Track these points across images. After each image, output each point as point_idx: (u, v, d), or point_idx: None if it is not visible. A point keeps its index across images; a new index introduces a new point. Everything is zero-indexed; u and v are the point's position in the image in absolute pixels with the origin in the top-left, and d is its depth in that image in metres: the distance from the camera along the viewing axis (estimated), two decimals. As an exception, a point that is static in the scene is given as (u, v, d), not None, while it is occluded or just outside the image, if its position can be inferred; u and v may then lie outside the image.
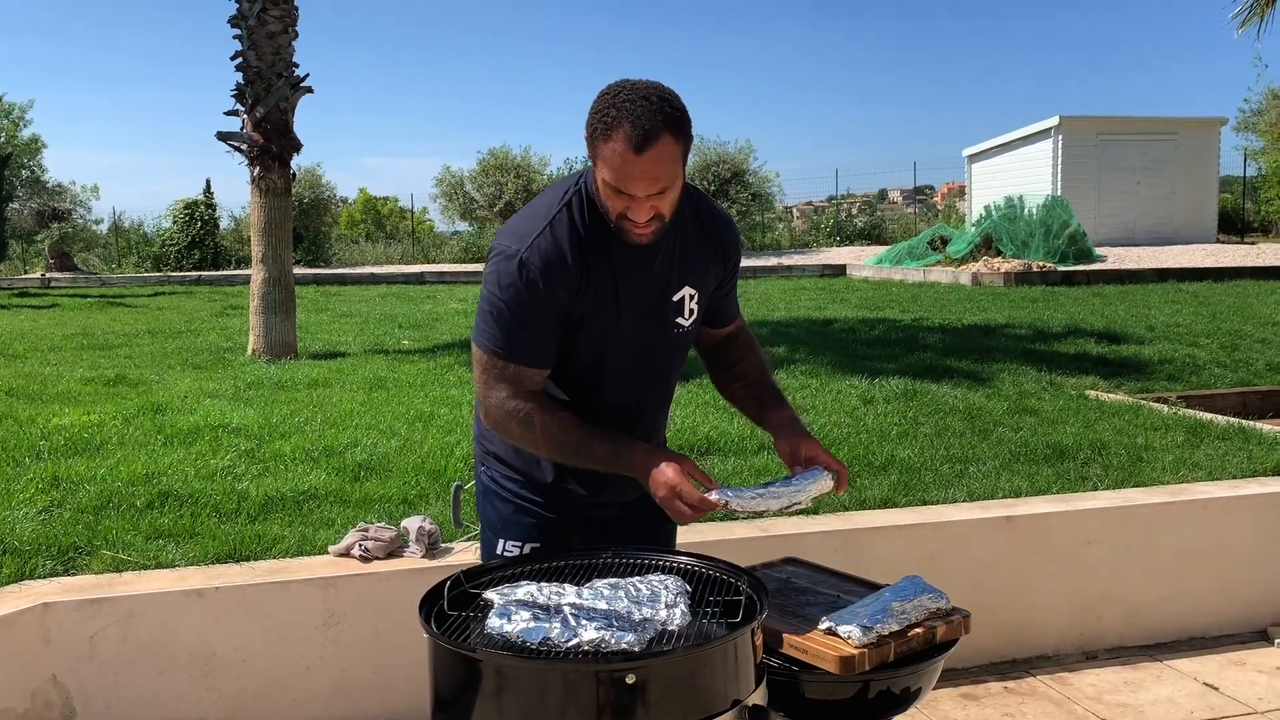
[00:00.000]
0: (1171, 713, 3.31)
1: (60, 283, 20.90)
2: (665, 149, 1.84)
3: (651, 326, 2.10)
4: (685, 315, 2.13)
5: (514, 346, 2.00)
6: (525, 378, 2.02)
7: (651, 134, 1.82)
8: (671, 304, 2.10)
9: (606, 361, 2.10)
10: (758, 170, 25.98)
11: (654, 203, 1.90)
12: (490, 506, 2.26)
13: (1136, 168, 22.59)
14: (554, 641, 1.49)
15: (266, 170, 8.33)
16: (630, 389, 2.15)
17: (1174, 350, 7.83)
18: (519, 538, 2.19)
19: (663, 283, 2.08)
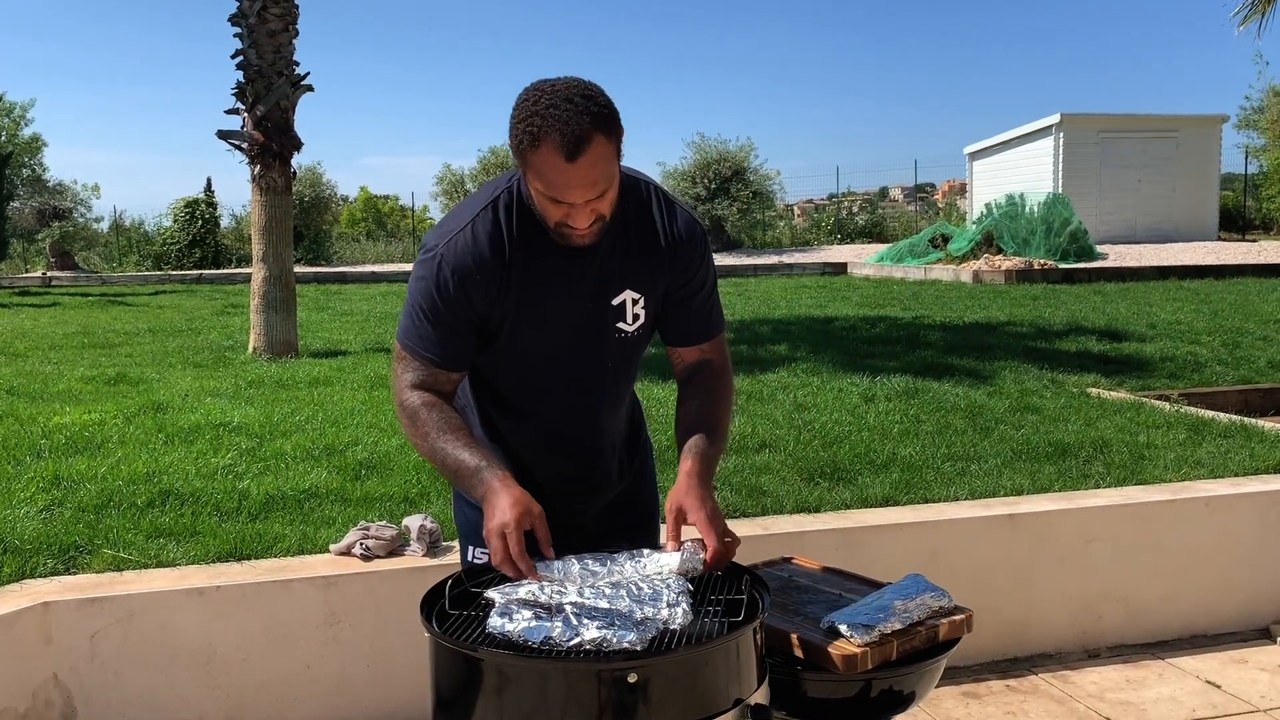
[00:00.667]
0: (1173, 711, 3.30)
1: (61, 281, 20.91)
2: (598, 151, 1.75)
3: (589, 331, 2.00)
4: (628, 320, 2.02)
5: (422, 342, 1.96)
6: (431, 376, 1.97)
7: (582, 139, 1.73)
8: (611, 308, 2.00)
9: (540, 366, 2.02)
10: (758, 168, 26.00)
11: (594, 206, 1.81)
12: (460, 513, 2.22)
13: (1138, 165, 22.59)
14: (555, 641, 1.49)
15: (267, 169, 8.33)
16: (572, 395, 2.06)
17: (1175, 348, 7.82)
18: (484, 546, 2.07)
19: (599, 286, 1.98)
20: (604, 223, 1.88)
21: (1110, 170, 22.44)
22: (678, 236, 2.03)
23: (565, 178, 1.75)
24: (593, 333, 2.01)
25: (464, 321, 1.94)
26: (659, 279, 2.03)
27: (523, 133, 1.76)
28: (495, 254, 1.92)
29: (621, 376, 2.12)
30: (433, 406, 1.94)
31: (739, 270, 20.09)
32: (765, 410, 5.29)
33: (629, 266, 1.99)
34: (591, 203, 1.81)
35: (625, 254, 1.99)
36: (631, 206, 1.99)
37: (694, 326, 2.11)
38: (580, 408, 2.08)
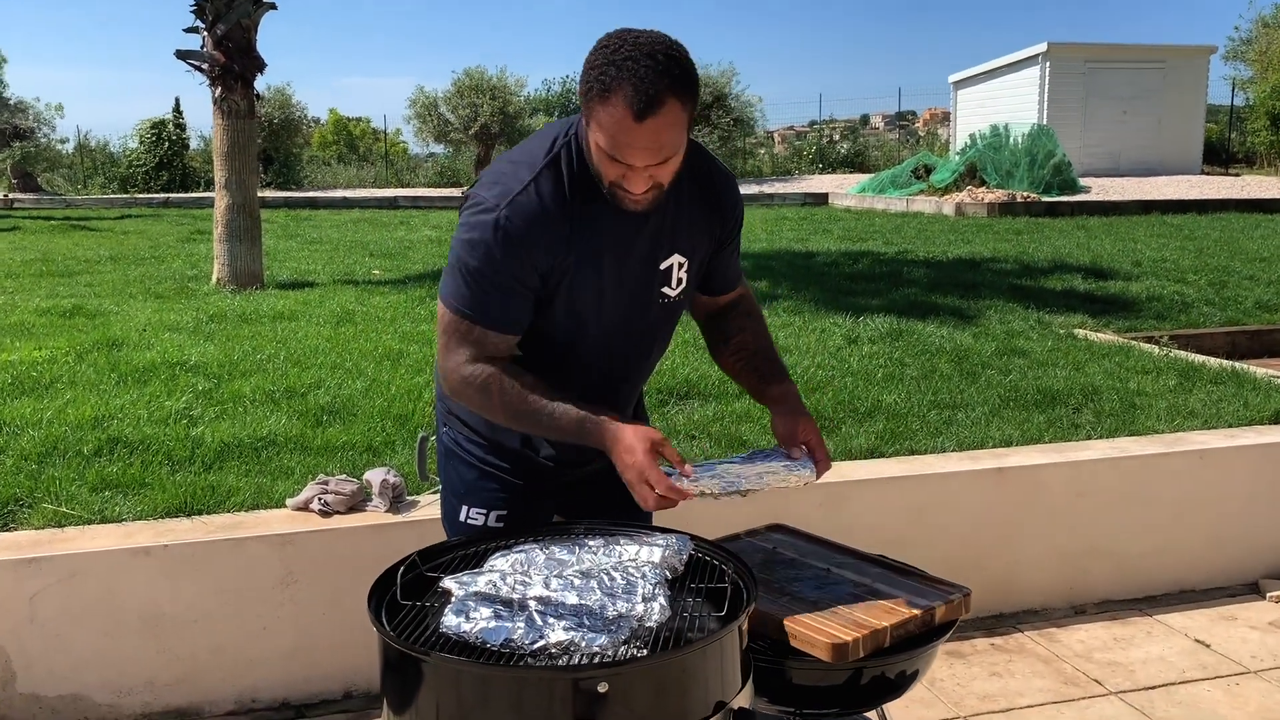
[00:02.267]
0: (1163, 672, 3.21)
1: (23, 204, 20.34)
2: (670, 116, 1.63)
3: (636, 294, 1.92)
4: (673, 285, 1.94)
5: (483, 308, 1.80)
6: (490, 343, 1.82)
7: (655, 99, 1.60)
8: (659, 272, 1.91)
9: (585, 329, 1.92)
10: (740, 94, 25.46)
11: (653, 172, 1.69)
12: (453, 470, 2.09)
13: (1124, 96, 22.27)
14: (517, 644, 1.32)
15: (229, 91, 7.96)
16: (610, 360, 1.98)
17: (1162, 287, 7.69)
18: (484, 505, 2.03)
19: (651, 248, 1.89)
20: (660, 192, 1.77)
21: (1096, 101, 22.12)
22: (724, 196, 1.96)
23: (630, 137, 1.63)
24: (641, 297, 1.93)
25: (526, 284, 1.81)
26: (703, 241, 1.96)
27: (594, 80, 1.64)
28: (560, 216, 1.79)
29: (663, 339, 2.06)
30: (504, 375, 1.82)
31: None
32: (746, 352, 5.12)
33: (680, 229, 1.90)
34: (652, 168, 1.69)
35: (677, 216, 1.89)
36: (684, 168, 1.83)
37: (730, 272, 2.10)
38: (614, 376, 2.01)
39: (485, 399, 1.83)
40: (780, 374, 2.07)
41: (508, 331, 1.83)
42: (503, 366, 1.83)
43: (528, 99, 26.38)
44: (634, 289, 1.91)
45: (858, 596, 1.94)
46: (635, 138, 1.62)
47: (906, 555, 3.27)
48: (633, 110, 1.60)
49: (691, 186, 1.90)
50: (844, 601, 1.92)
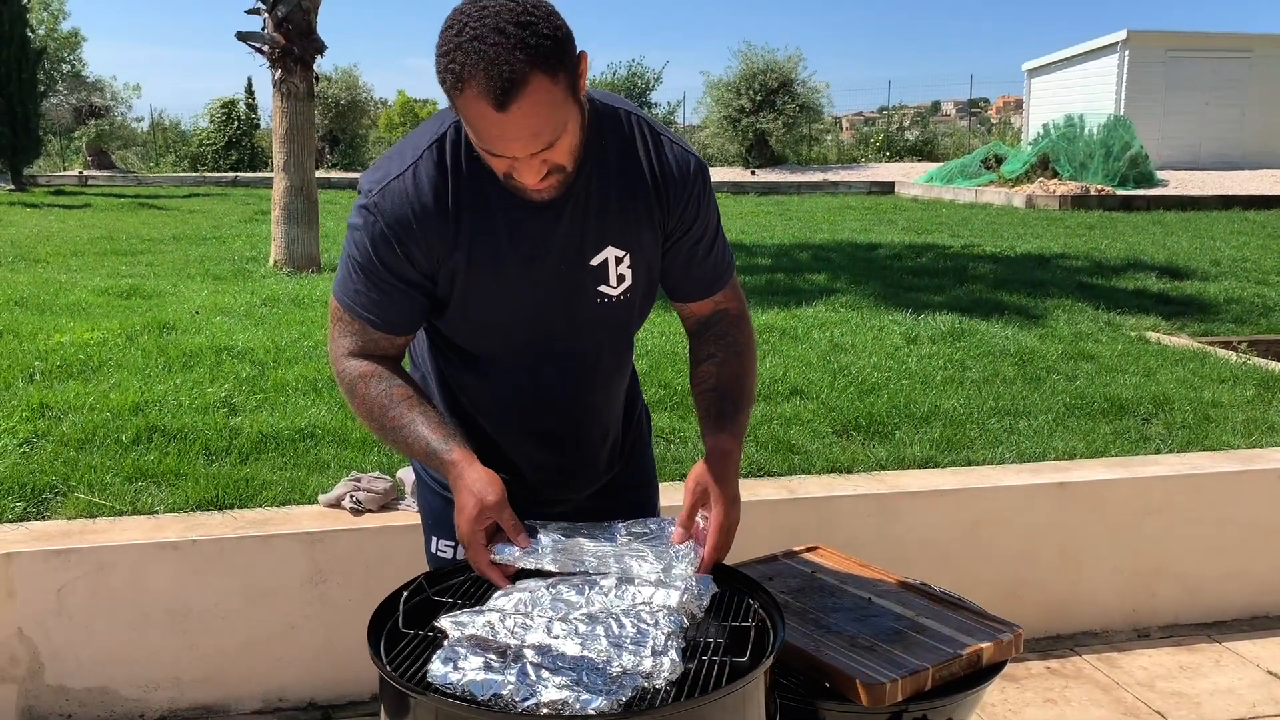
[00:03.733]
0: (1231, 705, 3.02)
1: (97, 181, 20.81)
2: (537, 95, 1.38)
3: (562, 299, 1.67)
4: (613, 282, 1.67)
5: (359, 300, 1.63)
6: (371, 338, 1.65)
7: (513, 81, 1.36)
8: (589, 269, 1.65)
9: (505, 338, 1.70)
10: (806, 80, 25.10)
11: (543, 157, 1.46)
12: (422, 497, 1.93)
13: (1206, 87, 21.51)
14: (505, 700, 1.20)
15: (288, 74, 7.97)
16: (549, 373, 1.74)
17: (1241, 289, 7.36)
18: (452, 537, 1.79)
19: (573, 243, 1.63)
20: (565, 174, 1.53)
21: (1176, 92, 21.38)
22: (667, 175, 1.66)
23: (498, 129, 1.41)
24: (568, 299, 1.67)
25: (406, 281, 1.61)
26: (647, 230, 1.68)
27: (445, 71, 1.40)
28: (439, 203, 1.57)
29: (612, 350, 1.78)
30: (374, 377, 1.64)
31: (781, 188, 19.53)
32: (799, 351, 4.97)
33: (609, 218, 1.63)
34: (539, 154, 1.45)
35: (604, 203, 1.62)
36: (612, 145, 1.62)
37: (703, 277, 1.78)
38: (561, 388, 1.75)
39: (352, 399, 1.67)
40: (727, 424, 1.71)
41: (387, 330, 1.65)
42: (380, 368, 1.65)
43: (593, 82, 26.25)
44: (558, 292, 1.66)
45: (899, 632, 1.81)
46: (504, 128, 1.40)
47: (959, 571, 3.14)
48: (491, 99, 1.37)
49: (624, 164, 1.63)
50: (884, 637, 1.79)
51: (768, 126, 24.30)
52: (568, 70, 1.42)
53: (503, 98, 1.37)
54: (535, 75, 1.38)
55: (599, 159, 1.61)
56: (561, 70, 1.41)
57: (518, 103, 1.37)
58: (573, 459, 1.83)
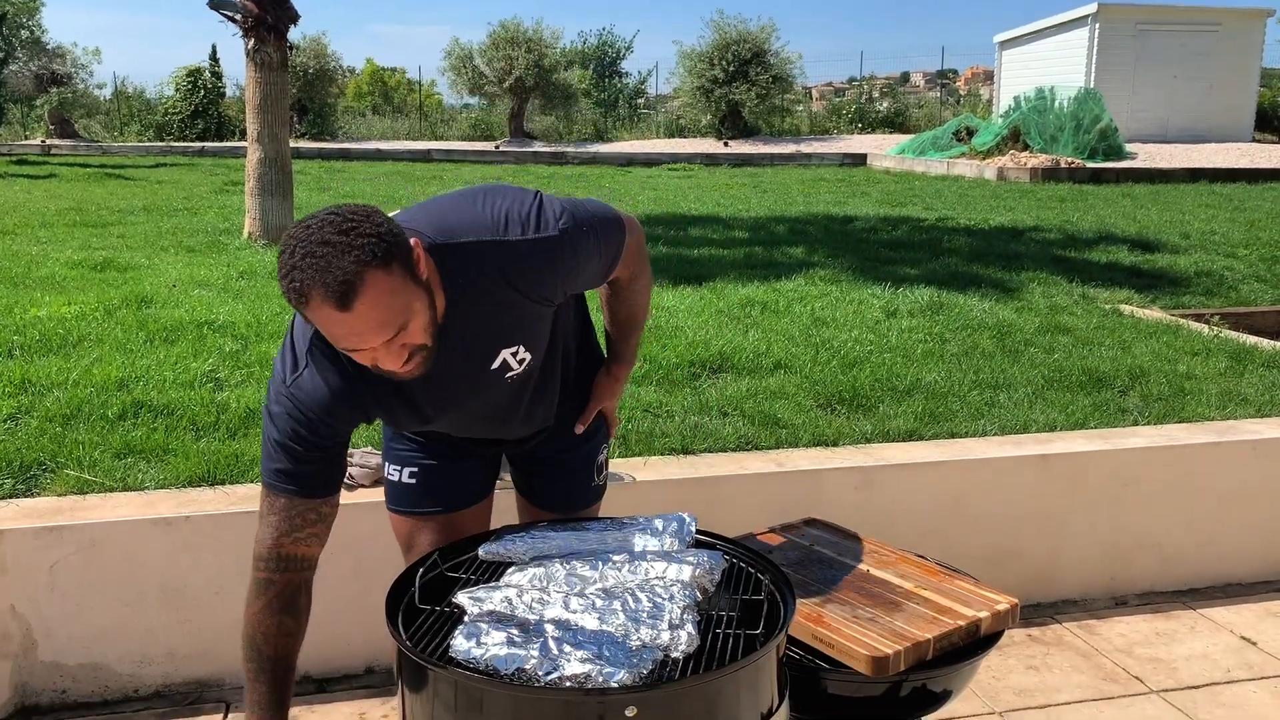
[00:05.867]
0: (1207, 670, 3.10)
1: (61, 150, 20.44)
2: (375, 288, 1.46)
3: (472, 393, 1.84)
4: (515, 366, 1.82)
5: (281, 478, 1.73)
6: (295, 513, 1.74)
7: (349, 284, 1.44)
8: (490, 372, 1.80)
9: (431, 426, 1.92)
10: (779, 51, 25.03)
11: (402, 341, 1.54)
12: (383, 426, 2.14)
13: (1175, 60, 21.65)
14: (529, 674, 1.23)
15: (261, 43, 7.85)
16: (483, 433, 2.01)
17: (1210, 261, 7.46)
18: (398, 461, 2.09)
19: (469, 365, 1.77)
20: (427, 350, 1.60)
21: (1146, 65, 21.53)
22: (533, 280, 1.72)
23: (347, 327, 1.48)
24: (479, 393, 1.85)
25: (325, 450, 1.73)
26: (533, 319, 1.80)
27: (288, 291, 1.48)
28: (345, 385, 1.70)
29: (538, 388, 1.96)
30: (269, 603, 1.75)
31: (755, 159, 19.51)
32: (781, 325, 5.00)
33: (491, 336, 1.76)
34: (392, 341, 1.53)
35: (482, 330, 1.74)
36: (461, 283, 1.67)
37: (592, 283, 1.92)
38: (498, 428, 2.00)
39: (249, 597, 1.79)
40: (616, 355, 2.11)
41: (309, 496, 1.75)
42: (283, 594, 1.75)
43: (563, 52, 26.07)
44: (470, 394, 1.83)
45: (899, 603, 1.85)
46: (353, 326, 1.48)
47: (944, 542, 3.20)
48: (334, 304, 1.45)
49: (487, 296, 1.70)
50: (885, 608, 1.83)
51: (740, 97, 24.24)
52: (400, 258, 1.50)
53: (343, 300, 1.45)
54: (368, 272, 1.45)
55: (458, 301, 1.67)
56: (394, 260, 1.49)
57: (359, 300, 1.45)
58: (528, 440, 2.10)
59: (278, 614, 1.72)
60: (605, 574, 1.43)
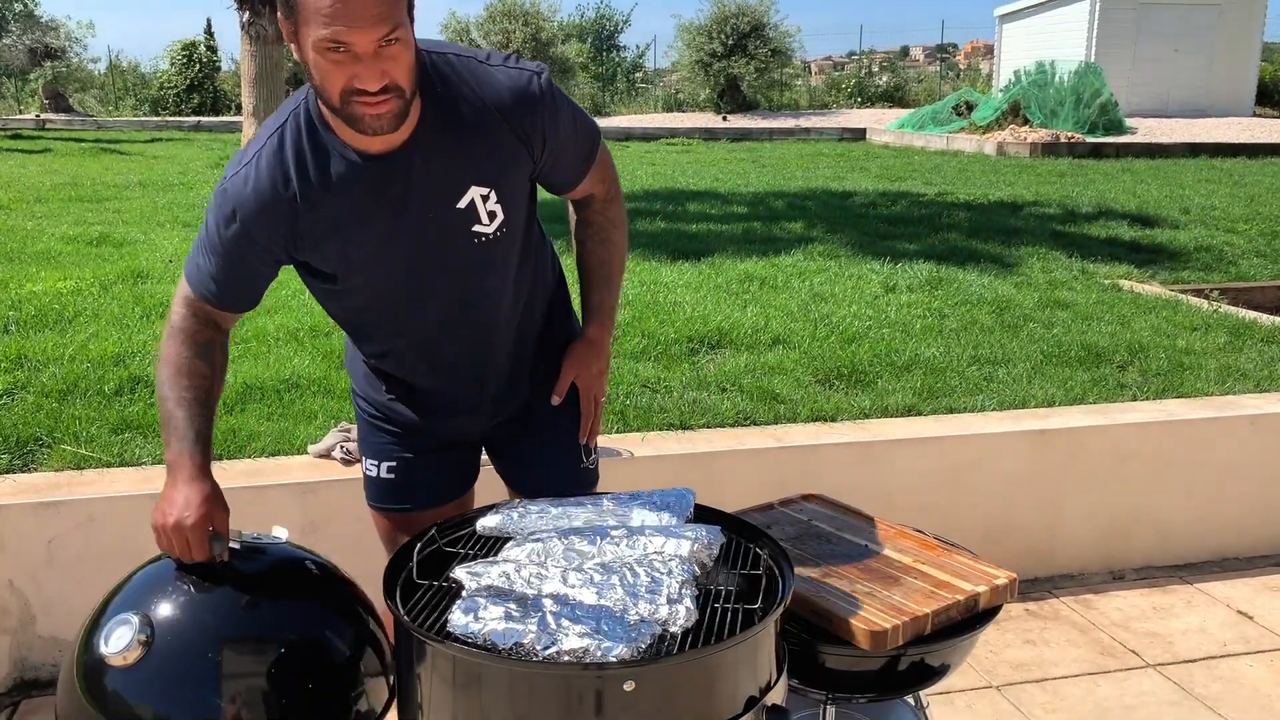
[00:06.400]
0: (1203, 644, 3.12)
1: (55, 124, 20.32)
2: None
3: (434, 243, 1.69)
4: (484, 220, 1.69)
5: (199, 275, 1.70)
6: (203, 312, 1.71)
7: None
8: (457, 212, 1.67)
9: (398, 304, 1.76)
10: (778, 24, 24.87)
11: (385, 65, 1.47)
12: (358, 420, 2.06)
13: (1176, 34, 21.53)
14: (527, 649, 1.23)
15: (256, 15, 7.79)
16: (437, 318, 1.79)
17: (1210, 236, 7.45)
18: (374, 456, 2.00)
19: (433, 191, 1.65)
20: (402, 99, 1.52)
21: (1146, 39, 21.41)
22: (508, 103, 1.65)
23: (343, 7, 1.42)
24: (442, 246, 1.70)
25: (248, 263, 1.68)
26: (508, 164, 1.69)
27: None
28: (277, 191, 1.61)
29: (506, 281, 1.80)
30: (186, 339, 1.69)
31: (754, 134, 19.42)
32: (780, 300, 4.99)
33: (462, 159, 1.65)
34: (381, 54, 1.46)
35: (453, 146, 1.64)
36: (445, 89, 1.64)
37: (571, 172, 1.84)
38: (467, 333, 1.82)
39: (163, 342, 1.71)
40: (594, 314, 1.95)
41: (219, 306, 1.71)
42: (198, 332, 1.70)
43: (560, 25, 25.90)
44: (430, 242, 1.69)
45: (897, 578, 1.85)
46: (349, 7, 1.41)
47: (943, 517, 3.20)
48: None
49: (461, 112, 1.63)
50: (883, 583, 1.83)
51: (739, 71, 24.09)
52: None
53: None
54: None
55: (435, 106, 1.62)
56: None
57: None
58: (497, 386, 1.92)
59: (195, 351, 1.69)
60: (603, 549, 1.43)
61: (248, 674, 1.46)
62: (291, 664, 1.47)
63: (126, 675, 1.45)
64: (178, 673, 1.45)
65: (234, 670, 1.45)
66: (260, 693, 1.45)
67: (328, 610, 1.60)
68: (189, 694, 1.44)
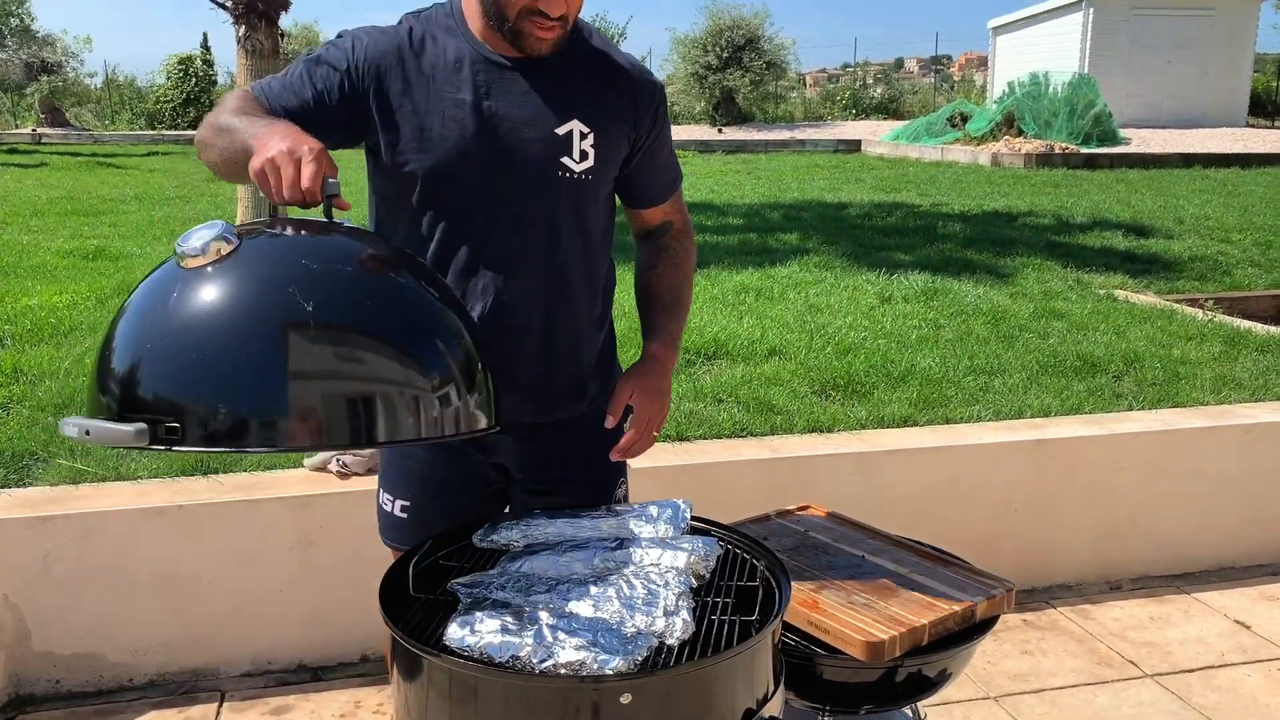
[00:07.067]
0: (1201, 654, 3.11)
1: (51, 139, 20.33)
2: None
3: (523, 156, 1.65)
4: (575, 157, 1.68)
5: (272, 87, 1.60)
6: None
7: None
8: (554, 135, 1.66)
9: (459, 189, 1.66)
10: (773, 37, 24.98)
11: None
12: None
13: (1169, 45, 21.64)
14: (523, 662, 1.22)
15: (252, 30, 7.77)
16: (496, 243, 1.69)
17: (1204, 246, 7.47)
18: (390, 490, 1.89)
19: (541, 106, 1.66)
20: (565, 30, 1.62)
21: (1140, 50, 21.50)
22: (639, 78, 1.76)
23: None
24: (530, 161, 1.66)
25: (323, 73, 1.61)
26: (618, 123, 1.73)
27: None
28: (396, 32, 1.66)
29: (576, 232, 1.74)
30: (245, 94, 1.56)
31: (749, 146, 19.47)
32: (776, 311, 4.99)
33: (579, 94, 1.69)
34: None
35: (576, 79, 1.70)
36: (579, 32, 1.73)
37: (659, 184, 1.87)
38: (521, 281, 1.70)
39: (212, 111, 1.56)
40: (659, 333, 1.84)
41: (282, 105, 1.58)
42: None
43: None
44: (520, 152, 1.65)
45: (894, 589, 1.85)
46: None
47: (939, 527, 3.20)
48: None
49: (595, 57, 1.73)
50: (880, 594, 1.83)
51: (734, 84, 24.19)
52: None
53: None
54: None
55: (574, 41, 1.70)
56: None
57: None
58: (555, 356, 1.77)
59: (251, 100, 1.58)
60: (600, 561, 1.42)
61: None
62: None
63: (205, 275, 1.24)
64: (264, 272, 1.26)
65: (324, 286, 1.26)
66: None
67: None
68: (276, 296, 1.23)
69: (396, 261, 1.40)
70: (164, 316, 1.25)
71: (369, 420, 1.22)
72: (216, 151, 1.50)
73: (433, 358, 1.30)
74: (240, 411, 1.19)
